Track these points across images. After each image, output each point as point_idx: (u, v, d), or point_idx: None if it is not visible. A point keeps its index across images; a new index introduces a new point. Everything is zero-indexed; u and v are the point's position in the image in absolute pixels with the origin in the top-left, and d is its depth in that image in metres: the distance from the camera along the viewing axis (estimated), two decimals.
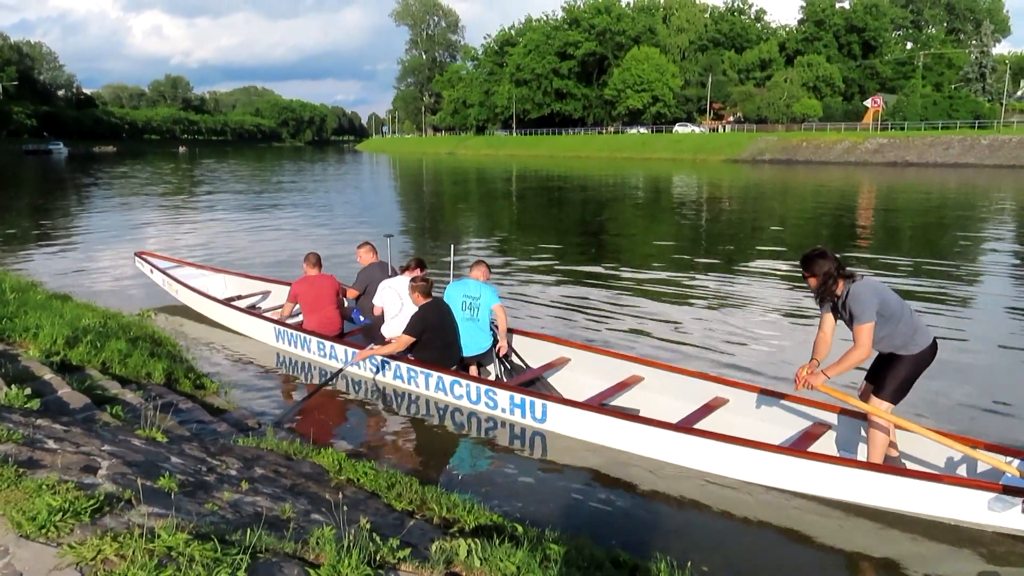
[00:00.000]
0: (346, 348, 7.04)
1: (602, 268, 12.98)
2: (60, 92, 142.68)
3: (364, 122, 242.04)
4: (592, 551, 3.59)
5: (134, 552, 2.21)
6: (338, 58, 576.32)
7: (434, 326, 6.42)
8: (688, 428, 5.14)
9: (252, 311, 8.61)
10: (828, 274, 4.56)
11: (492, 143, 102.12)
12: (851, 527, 4.46)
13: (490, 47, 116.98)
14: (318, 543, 2.58)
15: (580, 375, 6.64)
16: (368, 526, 2.85)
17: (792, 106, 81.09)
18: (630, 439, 5.26)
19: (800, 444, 5.05)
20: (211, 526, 2.56)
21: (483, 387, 6.06)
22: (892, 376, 4.64)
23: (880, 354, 4.77)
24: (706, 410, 5.63)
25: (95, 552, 2.21)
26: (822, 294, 4.66)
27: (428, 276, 6.72)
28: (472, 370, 6.77)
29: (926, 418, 5.54)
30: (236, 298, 9.25)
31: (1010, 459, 4.45)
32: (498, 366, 7.07)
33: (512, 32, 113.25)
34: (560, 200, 29.67)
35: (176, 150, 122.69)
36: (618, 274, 12.38)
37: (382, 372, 6.79)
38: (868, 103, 74.24)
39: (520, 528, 3.61)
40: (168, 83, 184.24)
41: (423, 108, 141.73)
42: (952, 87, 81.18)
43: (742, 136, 75.64)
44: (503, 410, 5.95)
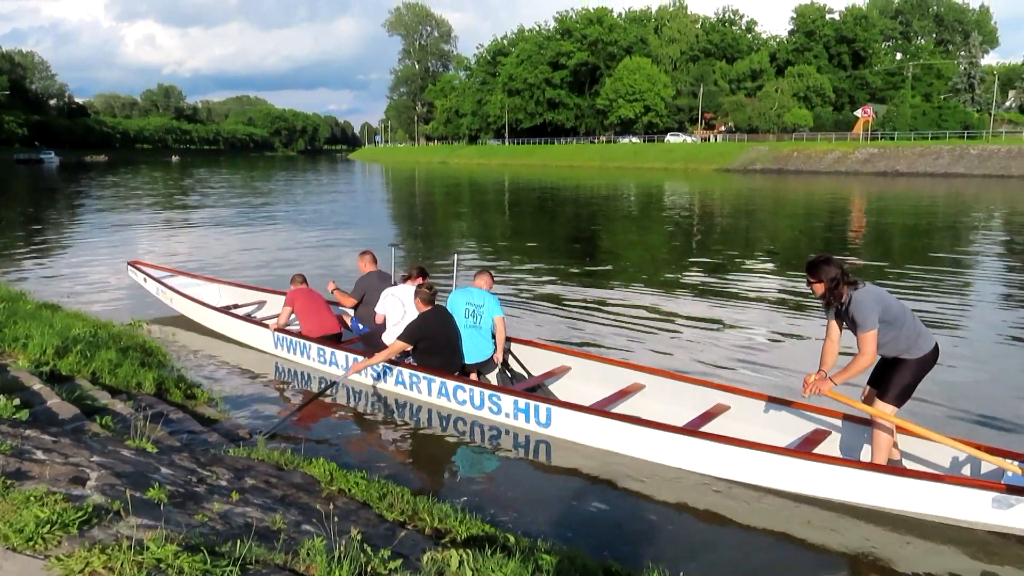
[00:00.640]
0: (347, 355, 7.05)
1: (597, 277, 13.00)
2: (52, 101, 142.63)
3: (357, 131, 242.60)
4: (585, 561, 3.58)
5: (122, 564, 2.19)
6: (331, 68, 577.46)
7: (435, 333, 6.45)
8: (694, 431, 5.17)
9: (250, 319, 8.58)
10: (835, 280, 4.61)
11: (485, 152, 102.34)
12: (852, 530, 4.47)
13: (483, 57, 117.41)
14: (309, 554, 2.56)
15: (581, 383, 6.65)
16: (359, 537, 2.84)
17: (783, 116, 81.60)
18: (635, 443, 5.28)
19: (802, 449, 5.08)
20: (201, 537, 2.54)
21: (487, 392, 6.08)
22: (896, 380, 4.68)
23: (883, 358, 4.81)
24: (707, 417, 5.66)
25: (83, 564, 2.19)
26: (828, 300, 4.71)
27: (432, 284, 6.75)
28: (473, 378, 6.77)
29: (923, 422, 5.57)
30: (232, 307, 9.20)
31: (1011, 461, 4.48)
32: (499, 374, 7.07)
33: (504, 42, 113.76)
34: (554, 209, 29.73)
35: (169, 159, 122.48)
36: (613, 283, 12.40)
37: (383, 379, 6.79)
38: (858, 113, 74.74)
39: (512, 538, 3.60)
40: (160, 92, 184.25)
41: (416, 117, 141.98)
42: (941, 97, 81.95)
43: (733, 146, 76.03)
44: (507, 415, 5.95)
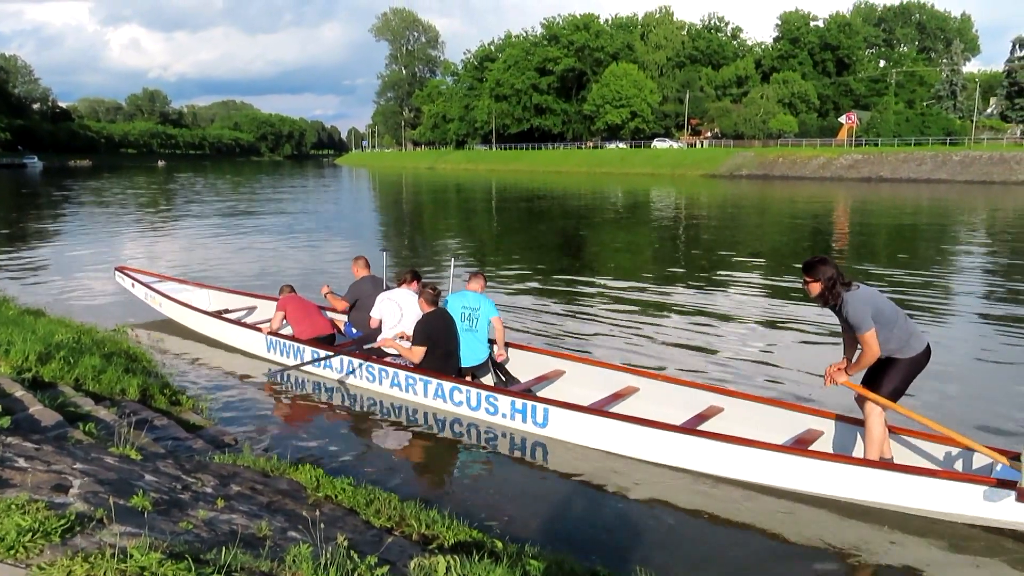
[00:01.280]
0: (342, 357, 7.03)
1: (588, 282, 13.02)
2: (35, 106, 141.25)
3: (343, 136, 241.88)
4: (573, 566, 3.58)
5: (105, 573, 2.17)
6: (317, 72, 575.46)
7: (436, 335, 6.49)
8: (690, 429, 5.24)
9: (242, 323, 8.53)
10: (832, 279, 4.71)
11: (472, 158, 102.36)
12: (846, 526, 4.53)
13: (470, 62, 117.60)
14: (295, 561, 2.55)
15: (575, 387, 6.67)
16: (346, 543, 2.82)
17: (768, 122, 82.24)
18: (633, 443, 5.33)
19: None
20: (185, 545, 2.52)
21: (484, 392, 6.10)
22: (889, 379, 4.77)
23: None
24: (701, 418, 5.71)
25: (65, 573, 2.16)
26: (824, 300, 4.80)
27: (436, 286, 6.79)
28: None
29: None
30: (222, 312, 9.15)
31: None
32: (493, 377, 7.08)
33: (492, 48, 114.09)
34: (542, 215, 29.78)
35: (155, 164, 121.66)
36: (604, 288, 12.42)
37: (379, 381, 6.79)
38: (842, 119, 75.37)
39: (500, 543, 3.59)
40: (145, 97, 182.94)
41: (403, 123, 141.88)
42: (924, 104, 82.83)
43: (719, 151, 76.48)
44: (503, 415, 5.97)
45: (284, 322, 7.73)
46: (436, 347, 6.50)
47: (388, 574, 2.63)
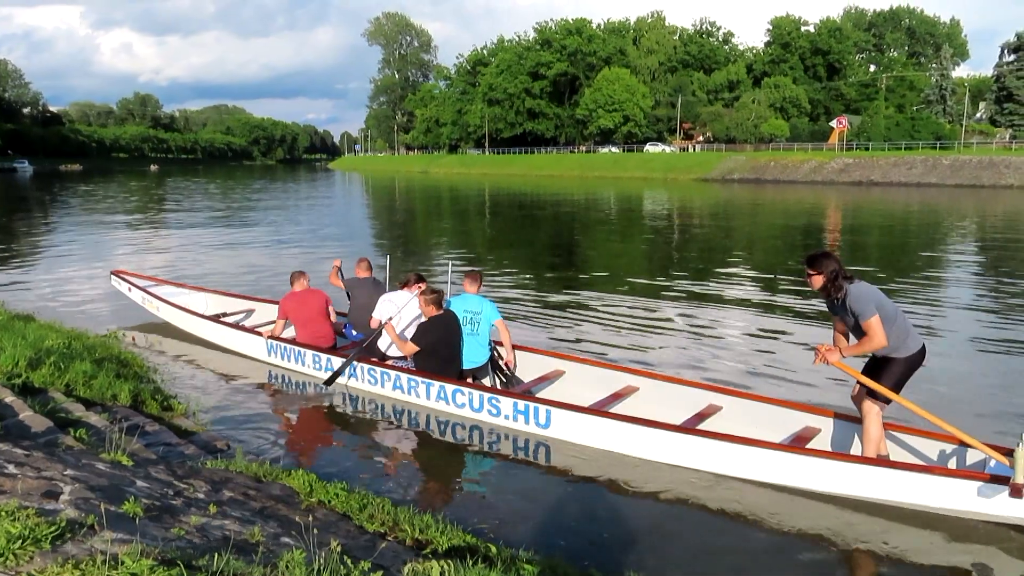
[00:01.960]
0: (343, 360, 7.01)
1: (585, 284, 13.02)
2: (26, 110, 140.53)
3: (336, 140, 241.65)
4: (566, 570, 3.58)
5: None
6: (310, 77, 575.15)
7: (438, 338, 6.50)
8: (690, 428, 5.30)
9: (241, 326, 8.48)
10: (834, 272, 4.78)
11: (465, 162, 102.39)
12: (844, 522, 4.57)
13: (462, 67, 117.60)
14: (288, 567, 2.53)
15: (575, 387, 6.70)
16: (339, 549, 2.81)
17: (760, 126, 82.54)
18: (635, 442, 5.37)
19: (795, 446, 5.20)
20: (177, 551, 2.50)
21: (486, 394, 6.12)
22: (885, 377, 4.82)
23: (874, 356, 4.98)
24: (700, 417, 5.77)
25: None
26: (827, 292, 4.86)
27: (437, 288, 6.81)
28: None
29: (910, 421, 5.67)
30: (220, 316, 9.10)
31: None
32: (493, 379, 7.09)
33: (484, 52, 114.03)
34: (535, 218, 29.80)
35: (148, 168, 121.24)
36: (601, 289, 12.41)
37: (381, 383, 6.80)
38: (833, 124, 75.73)
39: (494, 548, 3.58)
40: (137, 101, 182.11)
41: (396, 127, 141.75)
42: (914, 109, 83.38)
43: (712, 156, 76.72)
44: (506, 417, 6.00)
45: (287, 324, 7.70)
46: (437, 351, 6.51)
47: None
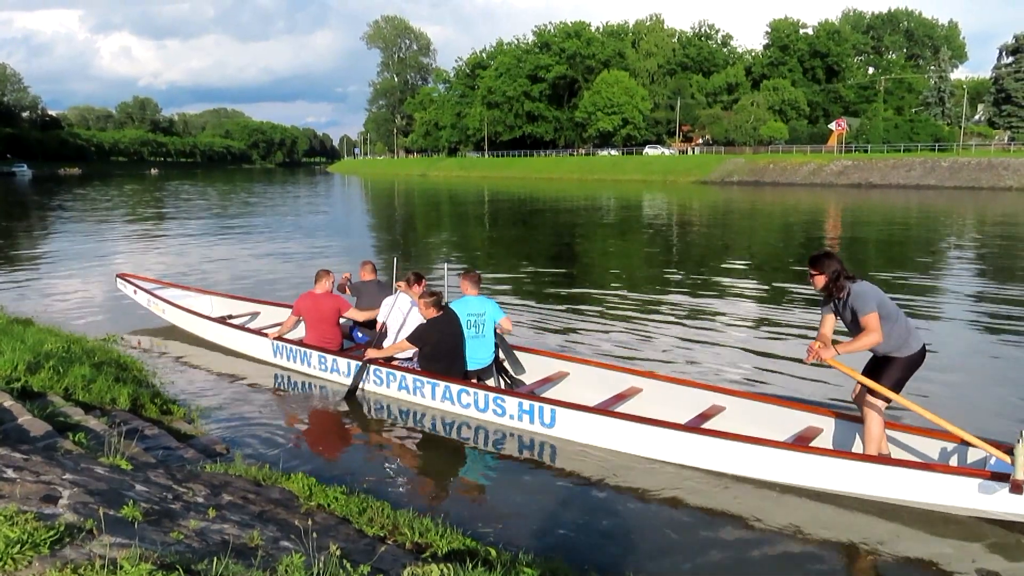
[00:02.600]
0: (348, 361, 7.08)
1: (586, 286, 13.02)
2: (25, 114, 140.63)
3: (336, 144, 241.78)
4: (567, 573, 3.57)
5: None
6: (309, 80, 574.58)
7: (440, 339, 6.52)
8: (694, 428, 5.33)
9: (247, 328, 8.50)
10: (836, 272, 4.81)
11: (464, 165, 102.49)
12: (846, 520, 4.59)
13: (461, 70, 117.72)
14: (287, 571, 2.53)
15: (579, 388, 6.72)
16: (338, 553, 2.80)
17: (759, 129, 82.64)
18: (640, 441, 5.40)
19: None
20: (176, 555, 2.50)
21: (491, 394, 6.15)
22: (886, 377, 4.83)
23: (874, 356, 5.00)
24: (704, 418, 5.79)
25: None
26: (829, 292, 4.88)
27: (435, 290, 6.80)
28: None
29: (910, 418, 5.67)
30: (227, 317, 9.11)
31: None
32: (497, 380, 7.10)
33: (483, 55, 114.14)
34: (535, 221, 29.80)
35: (147, 172, 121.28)
36: (603, 291, 12.40)
37: (386, 384, 6.82)
38: (832, 126, 75.87)
39: (494, 551, 3.57)
40: (136, 105, 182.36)
41: (395, 130, 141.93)
42: (913, 111, 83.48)
43: (711, 158, 76.82)
44: (511, 416, 6.03)
45: (299, 321, 7.68)
46: (439, 352, 6.52)
47: None
